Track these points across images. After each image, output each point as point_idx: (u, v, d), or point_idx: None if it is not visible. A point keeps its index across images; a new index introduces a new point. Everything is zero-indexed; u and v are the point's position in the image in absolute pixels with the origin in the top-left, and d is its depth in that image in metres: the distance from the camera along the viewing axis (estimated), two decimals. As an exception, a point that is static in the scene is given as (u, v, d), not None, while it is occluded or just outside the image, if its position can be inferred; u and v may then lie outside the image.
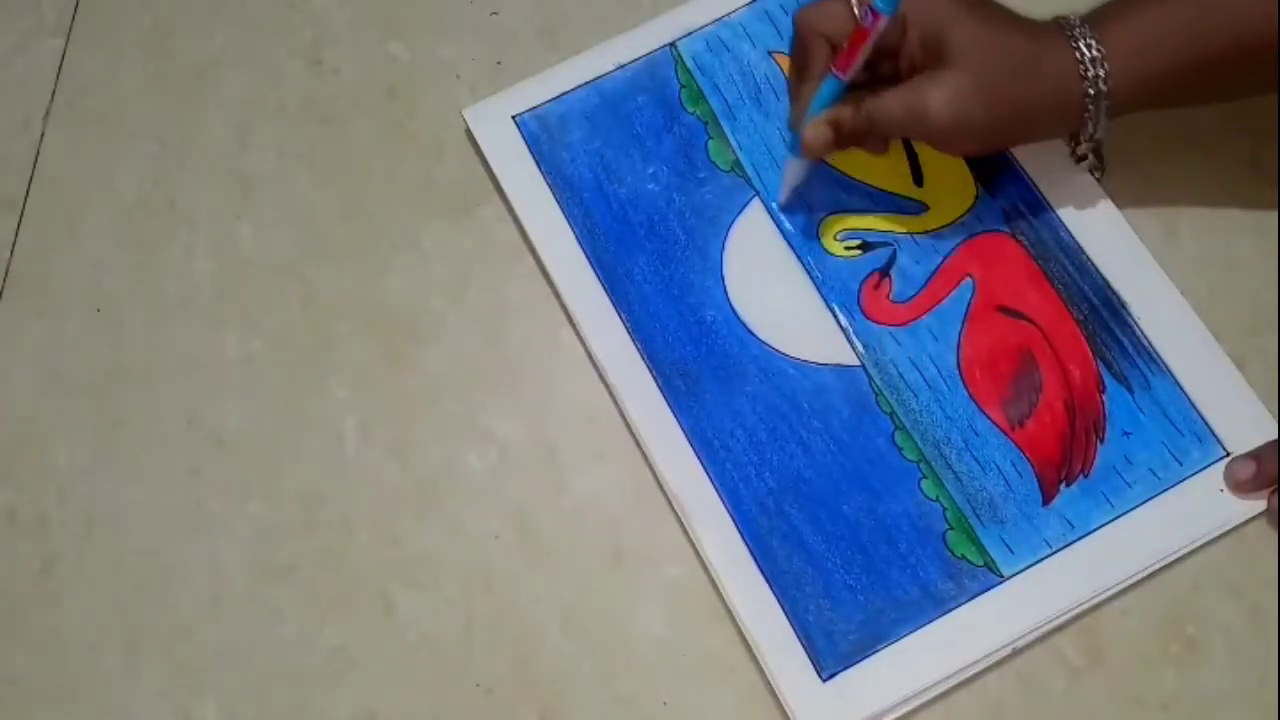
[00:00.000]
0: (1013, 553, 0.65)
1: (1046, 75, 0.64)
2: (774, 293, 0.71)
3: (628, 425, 0.69)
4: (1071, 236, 0.71)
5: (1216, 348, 0.69)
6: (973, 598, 0.64)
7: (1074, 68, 0.64)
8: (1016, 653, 0.64)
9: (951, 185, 0.73)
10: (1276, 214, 0.71)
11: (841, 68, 0.65)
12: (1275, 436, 0.67)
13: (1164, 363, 0.68)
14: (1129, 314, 0.69)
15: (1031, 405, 0.68)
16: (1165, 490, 0.66)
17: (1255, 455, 0.66)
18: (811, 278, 0.72)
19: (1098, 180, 0.72)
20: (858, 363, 0.70)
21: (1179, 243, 0.71)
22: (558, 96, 0.76)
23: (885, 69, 0.67)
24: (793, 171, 0.71)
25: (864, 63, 0.65)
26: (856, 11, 0.65)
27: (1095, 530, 0.65)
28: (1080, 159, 0.70)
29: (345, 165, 0.77)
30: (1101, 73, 0.64)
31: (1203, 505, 0.65)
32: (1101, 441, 0.67)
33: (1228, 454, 0.67)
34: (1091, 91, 0.64)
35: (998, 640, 0.63)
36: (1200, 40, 0.63)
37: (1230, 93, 0.68)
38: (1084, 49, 0.64)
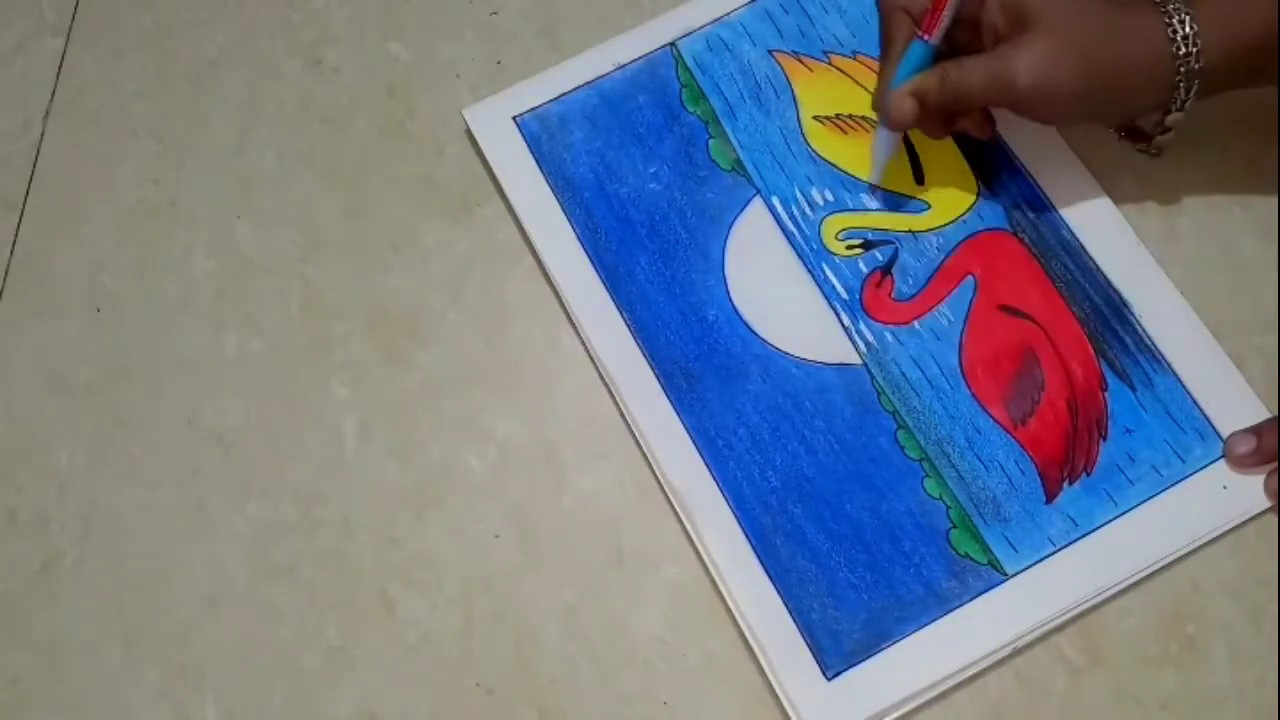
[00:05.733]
0: (1016, 551, 0.65)
1: (1134, 39, 0.63)
2: (776, 291, 0.71)
3: (628, 425, 0.69)
4: (1073, 235, 0.71)
5: (1217, 346, 0.69)
6: (977, 596, 0.64)
7: (1163, 33, 0.63)
8: (1017, 652, 0.64)
9: (953, 183, 0.73)
10: (1276, 214, 0.71)
11: (928, 30, 0.65)
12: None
13: (1166, 360, 0.69)
14: (1130, 312, 0.70)
15: (1034, 403, 0.68)
16: (1168, 487, 0.66)
17: (1255, 430, 0.66)
18: (813, 276, 0.72)
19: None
20: (860, 362, 0.70)
21: (1179, 243, 0.71)
22: (558, 97, 0.76)
23: (969, 47, 0.67)
24: (881, 146, 0.70)
25: (949, 25, 0.65)
26: None
27: (1099, 528, 0.65)
28: (1163, 132, 0.68)
29: (345, 165, 0.77)
30: (1191, 33, 0.62)
31: (1205, 502, 0.66)
32: (1104, 439, 0.67)
33: (1230, 451, 0.67)
34: (1182, 54, 0.63)
35: (1002, 638, 0.64)
36: None
37: None
38: (1173, 13, 0.63)
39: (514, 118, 0.76)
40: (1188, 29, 0.63)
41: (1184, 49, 0.63)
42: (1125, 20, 0.64)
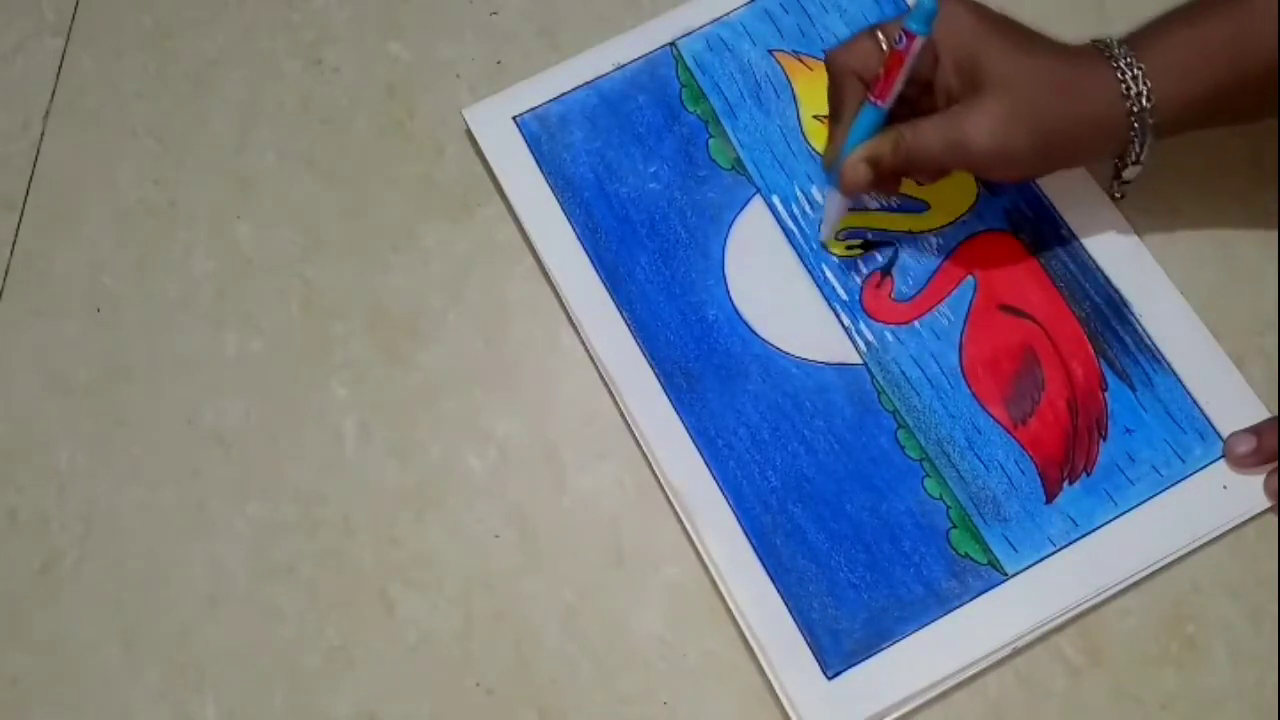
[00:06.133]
0: (1016, 551, 0.65)
1: (1087, 96, 0.63)
2: (776, 291, 0.71)
3: (628, 425, 0.69)
4: (1073, 235, 0.71)
5: (1217, 346, 0.69)
6: (977, 596, 0.64)
7: (1115, 87, 0.63)
8: (1017, 652, 0.64)
9: (953, 184, 0.72)
10: (1276, 214, 0.71)
11: (880, 95, 0.64)
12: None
13: (1166, 360, 0.69)
14: (1130, 312, 0.70)
15: (1034, 403, 0.68)
16: (1168, 487, 0.66)
17: (1255, 430, 0.66)
18: (813, 276, 0.72)
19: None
20: (860, 361, 0.70)
21: (1179, 242, 0.71)
22: (558, 97, 0.76)
23: (922, 104, 0.66)
24: (833, 208, 0.70)
25: (900, 91, 0.64)
26: (885, 44, 0.65)
27: (1099, 528, 0.65)
28: (1124, 184, 0.69)
29: (345, 165, 0.77)
30: (1144, 89, 0.62)
31: (1205, 502, 0.66)
32: (1104, 439, 0.67)
33: (1230, 451, 0.67)
34: (1135, 110, 0.63)
35: (1002, 638, 0.64)
36: (1241, 57, 0.62)
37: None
38: (1124, 68, 0.62)
39: (514, 118, 0.76)
40: (1141, 85, 0.62)
41: (1138, 106, 0.63)
42: (1078, 77, 0.63)
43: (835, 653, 0.64)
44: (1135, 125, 0.63)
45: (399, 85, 0.79)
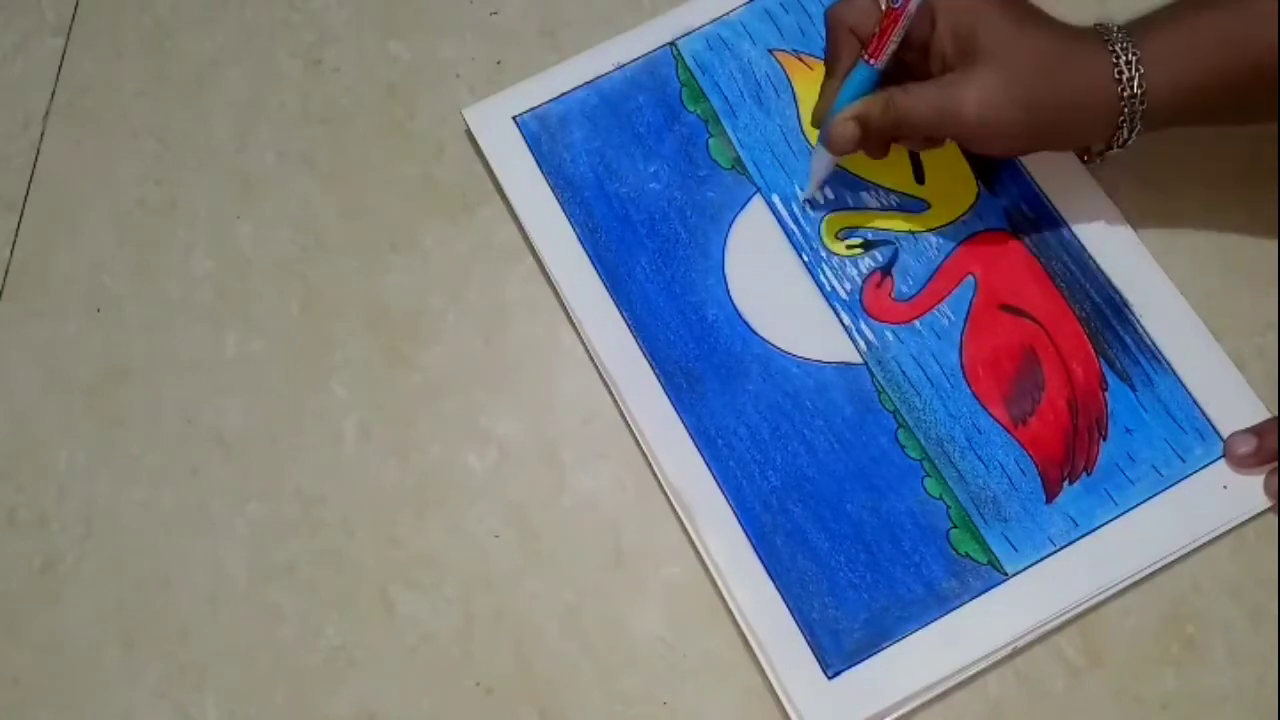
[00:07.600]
0: (1017, 550, 0.65)
1: (1080, 76, 0.63)
2: (776, 291, 0.71)
3: (628, 425, 0.69)
4: (1073, 235, 0.71)
5: (1217, 346, 0.69)
6: (977, 596, 0.64)
7: (1109, 71, 0.62)
8: (1016, 652, 0.64)
9: (953, 183, 0.73)
10: (1276, 214, 0.71)
11: (873, 54, 0.64)
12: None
13: (1166, 360, 0.69)
14: (1131, 312, 0.70)
15: (1034, 403, 0.68)
16: (1168, 487, 0.66)
17: (1256, 430, 0.66)
18: (813, 276, 0.72)
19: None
20: (860, 361, 0.70)
21: (1179, 242, 0.71)
22: (558, 96, 0.76)
23: (919, 70, 0.66)
24: (819, 165, 0.70)
25: (894, 52, 0.64)
26: (883, 3, 0.64)
27: (1099, 527, 0.65)
28: (1099, 155, 0.68)
29: (345, 165, 0.77)
30: (1136, 76, 0.62)
31: (1206, 502, 0.66)
32: (1104, 439, 0.67)
33: (1230, 451, 0.67)
34: (1125, 95, 0.63)
35: (1002, 638, 0.64)
36: (1240, 55, 0.62)
37: (1272, 113, 0.65)
38: (1119, 52, 0.62)
39: (514, 118, 0.76)
40: (1133, 71, 0.62)
41: (1129, 90, 0.63)
42: (1072, 57, 0.63)
43: (835, 652, 0.64)
44: (1125, 111, 0.63)
45: (399, 85, 0.79)
